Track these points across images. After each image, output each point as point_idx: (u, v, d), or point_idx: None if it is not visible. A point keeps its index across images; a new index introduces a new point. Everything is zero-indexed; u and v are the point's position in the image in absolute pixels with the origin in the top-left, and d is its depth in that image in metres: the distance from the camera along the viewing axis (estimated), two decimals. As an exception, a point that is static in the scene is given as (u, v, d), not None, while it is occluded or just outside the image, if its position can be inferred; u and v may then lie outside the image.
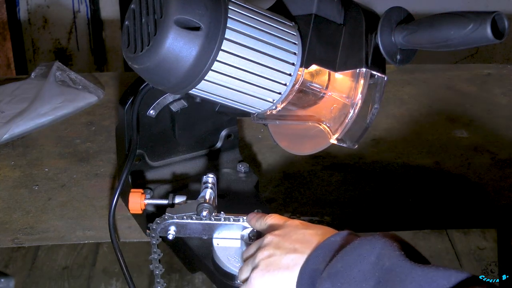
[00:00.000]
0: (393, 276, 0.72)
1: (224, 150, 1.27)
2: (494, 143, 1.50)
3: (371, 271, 0.74)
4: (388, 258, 0.74)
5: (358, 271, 0.75)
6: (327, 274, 0.78)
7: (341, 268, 0.77)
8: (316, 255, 0.82)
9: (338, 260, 0.78)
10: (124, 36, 0.91)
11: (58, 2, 2.73)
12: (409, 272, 0.72)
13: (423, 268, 0.71)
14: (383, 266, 0.74)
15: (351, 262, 0.76)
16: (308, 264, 0.82)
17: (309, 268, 0.82)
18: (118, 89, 1.67)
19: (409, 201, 1.32)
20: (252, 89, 0.93)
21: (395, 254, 0.75)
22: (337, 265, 0.78)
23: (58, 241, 1.19)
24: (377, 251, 0.76)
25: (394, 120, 1.58)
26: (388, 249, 0.76)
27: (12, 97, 1.59)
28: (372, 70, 0.92)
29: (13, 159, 1.41)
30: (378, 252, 0.76)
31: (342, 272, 0.76)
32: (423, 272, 0.71)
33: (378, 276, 0.74)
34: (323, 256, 0.81)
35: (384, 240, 0.77)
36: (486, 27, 0.79)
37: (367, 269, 0.75)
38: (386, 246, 0.76)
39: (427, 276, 0.70)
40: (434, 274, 0.70)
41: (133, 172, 1.18)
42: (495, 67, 1.85)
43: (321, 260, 0.81)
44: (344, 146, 0.97)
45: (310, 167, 1.40)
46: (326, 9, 0.95)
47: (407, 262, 0.73)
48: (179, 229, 1.01)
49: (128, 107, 1.11)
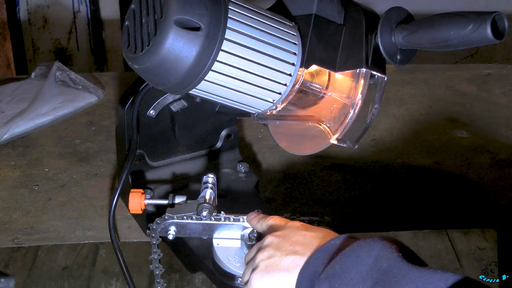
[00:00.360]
0: (390, 277, 0.72)
1: (224, 150, 1.27)
2: (494, 143, 1.50)
3: (368, 272, 0.75)
4: (386, 260, 0.74)
5: (356, 272, 0.75)
6: (325, 276, 0.78)
7: (339, 269, 0.77)
8: (315, 258, 0.82)
9: (336, 262, 0.78)
10: (124, 36, 0.91)
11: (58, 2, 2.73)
12: (406, 273, 0.72)
13: (420, 270, 0.71)
14: (381, 268, 0.74)
15: (349, 264, 0.77)
16: (308, 266, 0.82)
17: (309, 270, 0.82)
18: (118, 89, 1.67)
19: (409, 201, 1.32)
20: (252, 89, 0.93)
21: (392, 256, 0.75)
22: (335, 267, 0.78)
23: (58, 241, 1.19)
24: (375, 253, 0.76)
25: (394, 120, 1.58)
26: (386, 251, 0.76)
27: (12, 97, 1.59)
28: (372, 70, 0.92)
29: (13, 159, 1.41)
30: (376, 254, 0.76)
31: (340, 273, 0.76)
32: (420, 274, 0.71)
33: (375, 277, 0.74)
34: (322, 259, 0.81)
35: (383, 242, 0.77)
36: (486, 27, 0.79)
37: (364, 271, 0.75)
38: (384, 248, 0.76)
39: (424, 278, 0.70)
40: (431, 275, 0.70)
41: (133, 172, 1.18)
42: (495, 67, 1.85)
43: (320, 263, 0.81)
44: (344, 146, 0.97)
45: (310, 167, 1.40)
46: (326, 9, 0.95)
47: (404, 264, 0.73)
48: (179, 229, 1.01)
49: (128, 107, 1.11)
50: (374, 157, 1.44)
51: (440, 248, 1.19)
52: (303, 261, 0.83)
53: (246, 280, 0.90)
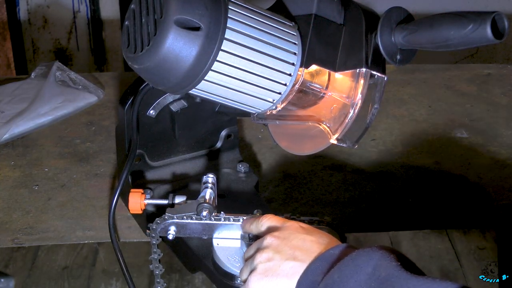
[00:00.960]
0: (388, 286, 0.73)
1: (224, 150, 1.27)
2: (494, 143, 1.50)
3: (367, 281, 0.75)
4: (385, 269, 0.75)
5: (355, 281, 0.75)
6: (324, 285, 0.78)
7: (338, 278, 0.77)
8: (315, 266, 0.82)
9: (335, 271, 0.78)
10: (124, 36, 0.91)
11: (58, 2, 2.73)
12: (405, 282, 0.72)
13: (419, 279, 0.72)
14: (379, 277, 0.74)
15: (348, 273, 0.77)
16: (307, 275, 0.82)
17: (308, 279, 0.82)
18: (118, 89, 1.67)
19: (409, 201, 1.32)
20: (252, 89, 0.93)
21: (391, 265, 0.75)
22: (334, 276, 0.78)
23: (58, 241, 1.19)
24: (373, 262, 0.76)
25: (394, 120, 1.58)
26: (385, 260, 0.76)
27: (12, 97, 1.59)
28: (372, 70, 0.92)
29: (13, 159, 1.41)
30: (375, 263, 0.76)
31: (339, 282, 0.77)
32: (419, 282, 0.71)
33: (374, 286, 0.74)
34: (321, 268, 0.81)
35: (381, 251, 0.77)
36: (486, 27, 0.79)
37: (363, 280, 0.75)
38: (383, 257, 0.76)
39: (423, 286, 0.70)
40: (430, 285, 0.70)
41: (133, 172, 1.18)
42: (495, 67, 1.85)
43: (319, 272, 0.81)
44: (344, 146, 0.97)
45: (310, 167, 1.40)
46: (326, 9, 0.95)
47: (403, 272, 0.73)
48: (179, 229, 1.01)
49: (128, 107, 1.11)
50: (374, 157, 1.44)
51: (440, 248, 1.19)
52: (302, 268, 0.83)
53: (244, 279, 0.90)
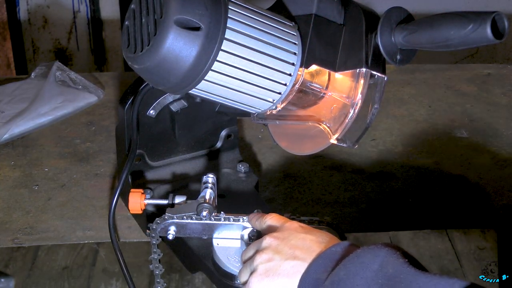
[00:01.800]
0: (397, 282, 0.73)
1: (224, 150, 1.27)
2: (494, 143, 1.50)
3: (374, 278, 0.75)
4: (392, 266, 0.75)
5: (361, 278, 0.75)
6: (330, 282, 0.78)
7: (344, 276, 0.77)
8: (317, 264, 0.82)
9: (341, 268, 0.78)
10: (124, 36, 0.91)
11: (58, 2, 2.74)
12: (413, 279, 0.72)
13: (427, 275, 0.72)
14: (387, 273, 0.74)
15: (354, 270, 0.76)
16: (309, 273, 0.82)
17: (310, 277, 0.81)
18: (118, 89, 1.67)
19: (409, 201, 1.32)
20: (252, 89, 0.93)
21: (398, 262, 0.75)
22: (340, 273, 0.78)
23: (58, 241, 1.19)
24: (380, 259, 0.76)
25: (394, 120, 1.58)
26: (392, 257, 0.76)
27: (12, 97, 1.59)
28: (372, 70, 0.92)
29: (13, 159, 1.41)
30: (381, 260, 0.76)
31: (345, 280, 0.76)
32: (427, 279, 0.71)
33: (382, 283, 0.74)
34: (324, 266, 0.81)
35: (387, 249, 0.77)
36: (486, 27, 0.79)
37: (370, 276, 0.75)
38: (389, 254, 0.76)
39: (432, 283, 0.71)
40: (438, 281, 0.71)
41: (133, 172, 1.18)
42: (495, 67, 1.85)
43: (322, 269, 0.81)
44: (344, 146, 0.97)
45: (310, 167, 1.40)
46: (326, 9, 0.95)
47: (411, 269, 0.73)
48: (179, 229, 1.01)
49: (128, 107, 1.11)
50: (374, 157, 1.44)
51: (440, 248, 1.19)
52: (303, 267, 0.83)
53: (244, 280, 0.90)
